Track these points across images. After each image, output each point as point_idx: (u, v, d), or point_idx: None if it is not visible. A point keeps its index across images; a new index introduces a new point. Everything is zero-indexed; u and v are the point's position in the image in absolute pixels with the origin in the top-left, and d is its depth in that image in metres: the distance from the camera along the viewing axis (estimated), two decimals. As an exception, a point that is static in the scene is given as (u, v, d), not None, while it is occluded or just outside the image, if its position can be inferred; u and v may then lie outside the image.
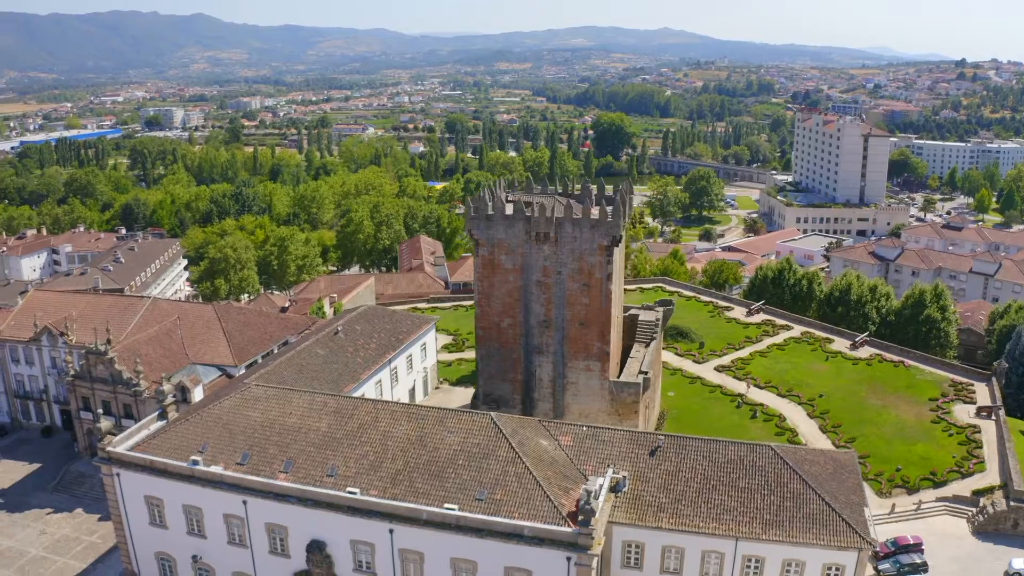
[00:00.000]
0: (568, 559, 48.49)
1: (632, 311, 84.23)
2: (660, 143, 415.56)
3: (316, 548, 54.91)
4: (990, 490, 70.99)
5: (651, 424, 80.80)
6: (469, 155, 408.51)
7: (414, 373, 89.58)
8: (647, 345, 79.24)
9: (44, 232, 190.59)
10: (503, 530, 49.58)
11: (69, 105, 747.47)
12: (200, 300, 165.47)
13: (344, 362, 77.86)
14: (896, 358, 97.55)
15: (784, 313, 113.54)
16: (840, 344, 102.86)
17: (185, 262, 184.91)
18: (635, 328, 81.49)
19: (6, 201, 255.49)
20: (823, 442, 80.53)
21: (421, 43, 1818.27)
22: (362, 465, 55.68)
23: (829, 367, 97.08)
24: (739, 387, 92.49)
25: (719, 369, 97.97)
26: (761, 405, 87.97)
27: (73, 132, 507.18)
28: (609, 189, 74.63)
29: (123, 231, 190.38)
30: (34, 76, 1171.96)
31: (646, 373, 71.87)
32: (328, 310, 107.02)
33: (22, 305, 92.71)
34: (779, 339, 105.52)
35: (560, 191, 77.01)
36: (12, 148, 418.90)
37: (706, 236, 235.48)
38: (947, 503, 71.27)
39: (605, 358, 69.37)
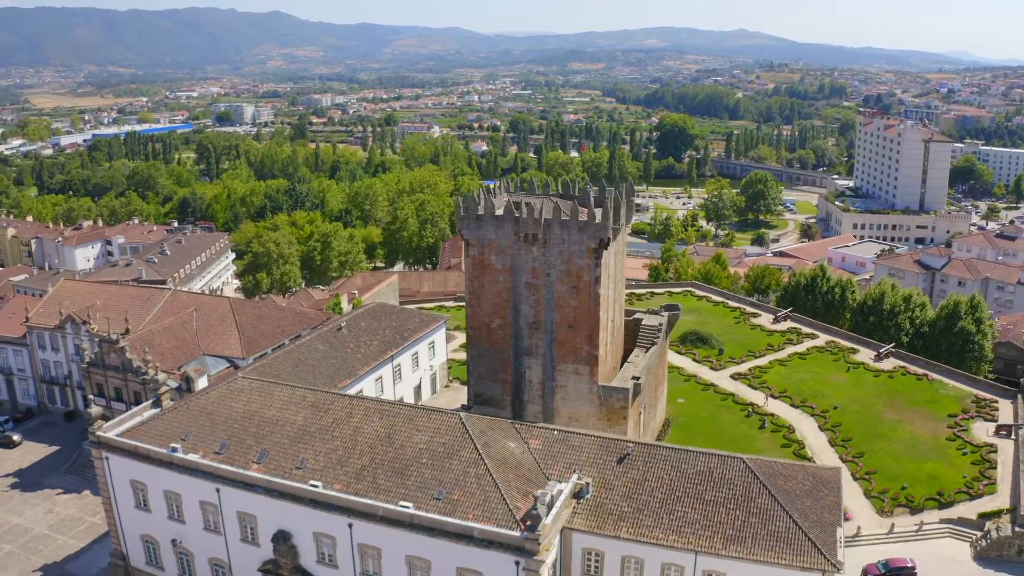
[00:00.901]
0: (517, 563, 48.12)
1: (636, 315, 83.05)
2: (724, 145, 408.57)
3: (282, 539, 55.79)
4: (998, 514, 67.63)
5: (651, 430, 79.60)
6: (530, 155, 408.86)
7: (420, 371, 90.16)
8: (647, 350, 77.96)
9: (100, 224, 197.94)
10: (454, 530, 49.53)
11: (145, 99, 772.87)
12: (243, 293, 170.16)
13: (343, 358, 78.85)
14: (920, 371, 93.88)
15: (811, 321, 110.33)
16: (864, 355, 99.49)
17: (233, 256, 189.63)
18: (638, 332, 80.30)
19: (71, 192, 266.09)
20: (830, 456, 78.12)
21: (495, 42, 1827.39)
22: (330, 459, 56.34)
23: (849, 378, 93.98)
24: (754, 397, 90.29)
25: (735, 377, 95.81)
26: (771, 415, 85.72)
27: (144, 126, 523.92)
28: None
29: (175, 224, 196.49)
30: (113, 70, 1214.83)
31: (638, 379, 70.64)
32: (347, 306, 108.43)
33: (51, 294, 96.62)
34: (802, 348, 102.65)
35: (559, 193, 76.17)
36: (85, 141, 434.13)
37: (758, 241, 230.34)
38: (951, 525, 68.16)
39: (594, 362, 68.45)
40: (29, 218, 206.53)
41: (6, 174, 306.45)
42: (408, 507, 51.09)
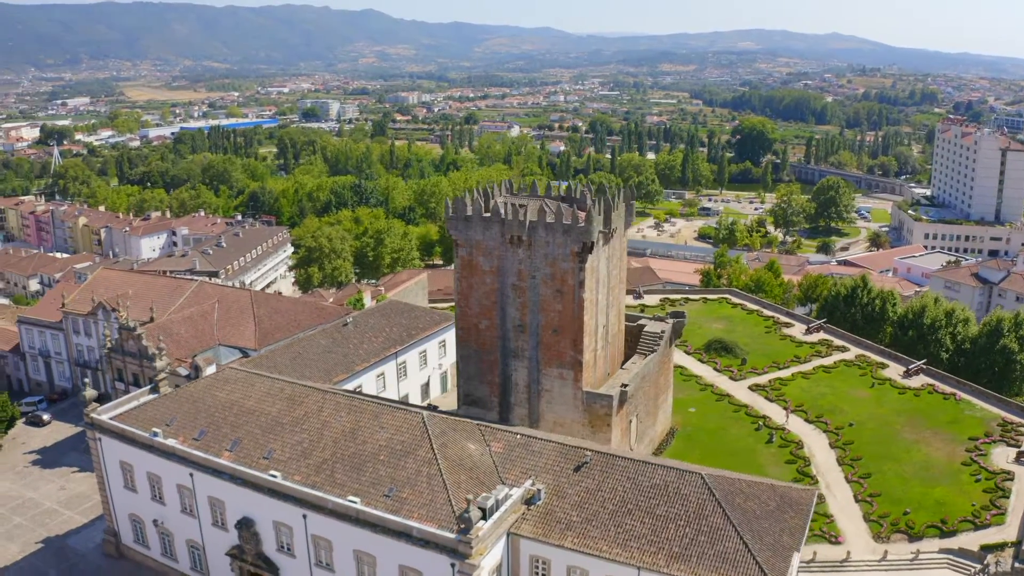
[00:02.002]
0: (452, 565, 48.12)
1: (640, 321, 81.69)
2: (804, 150, 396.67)
3: (245, 525, 57.28)
4: (1001, 547, 63.82)
5: (649, 439, 78.20)
6: (606, 156, 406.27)
7: (429, 369, 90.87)
8: (645, 356, 76.60)
9: (167, 215, 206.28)
10: (395, 528, 49.94)
11: (236, 94, 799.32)
12: (297, 286, 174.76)
13: (343, 353, 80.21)
14: (949, 390, 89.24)
15: (844, 334, 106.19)
16: (894, 371, 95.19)
17: (291, 249, 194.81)
18: (639, 339, 78.99)
19: (148, 184, 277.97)
20: (835, 474, 75.20)
21: (586, 43, 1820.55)
22: (296, 451, 57.52)
23: (872, 395, 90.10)
24: (769, 409, 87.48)
25: (753, 388, 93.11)
26: (782, 429, 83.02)
27: (231, 121, 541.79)
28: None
29: (238, 217, 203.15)
30: (208, 65, 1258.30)
31: (626, 386, 69.47)
32: (370, 303, 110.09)
33: (88, 281, 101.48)
34: (829, 361, 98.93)
35: (560, 196, 75.46)
36: (172, 134, 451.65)
37: (824, 248, 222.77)
38: (950, 556, 64.52)
39: (578, 367, 67.60)
40: (102, 208, 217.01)
41: (91, 164, 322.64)
42: (356, 502, 51.73)
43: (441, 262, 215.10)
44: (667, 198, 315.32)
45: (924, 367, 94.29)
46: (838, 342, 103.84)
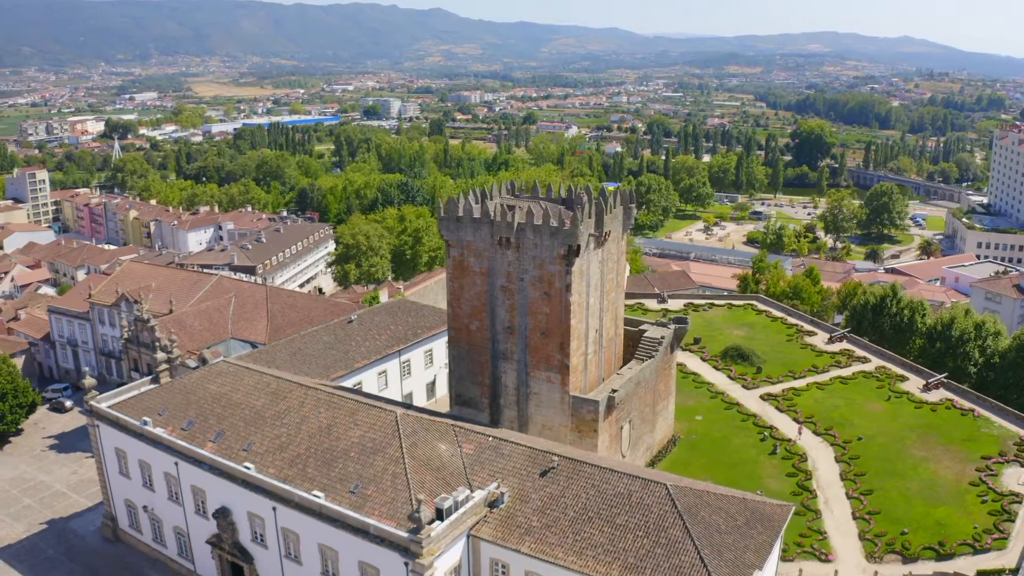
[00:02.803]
0: (405, 564, 48.38)
1: (642, 326, 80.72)
2: (863, 155, 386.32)
3: (222, 514, 58.61)
4: (999, 573, 61.14)
5: (646, 447, 77.27)
6: (661, 158, 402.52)
7: (435, 368, 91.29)
8: (643, 361, 75.67)
9: (216, 210, 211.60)
10: (354, 524, 50.49)
11: (302, 91, 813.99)
12: (336, 283, 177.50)
13: (344, 350, 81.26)
14: (968, 406, 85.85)
15: (867, 344, 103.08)
16: (914, 384, 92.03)
17: (333, 246, 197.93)
18: (638, 343, 78.09)
19: (204, 179, 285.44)
20: (836, 489, 73.16)
21: (653, 43, 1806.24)
22: (273, 444, 58.63)
23: (887, 408, 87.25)
24: (778, 420, 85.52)
25: (764, 397, 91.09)
26: (788, 441, 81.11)
27: (293, 117, 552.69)
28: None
29: (284, 213, 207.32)
30: (276, 62, 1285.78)
31: (615, 392, 68.77)
32: (387, 300, 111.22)
33: (115, 274, 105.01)
34: (848, 372, 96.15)
35: (560, 198, 75.07)
36: (234, 130, 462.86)
37: (872, 256, 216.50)
38: (944, 579, 62.26)
39: (565, 371, 67.14)
40: (153, 201, 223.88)
41: (151, 159, 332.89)
42: (320, 497, 52.44)
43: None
44: (720, 201, 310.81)
45: (945, 381, 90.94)
46: (860, 352, 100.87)
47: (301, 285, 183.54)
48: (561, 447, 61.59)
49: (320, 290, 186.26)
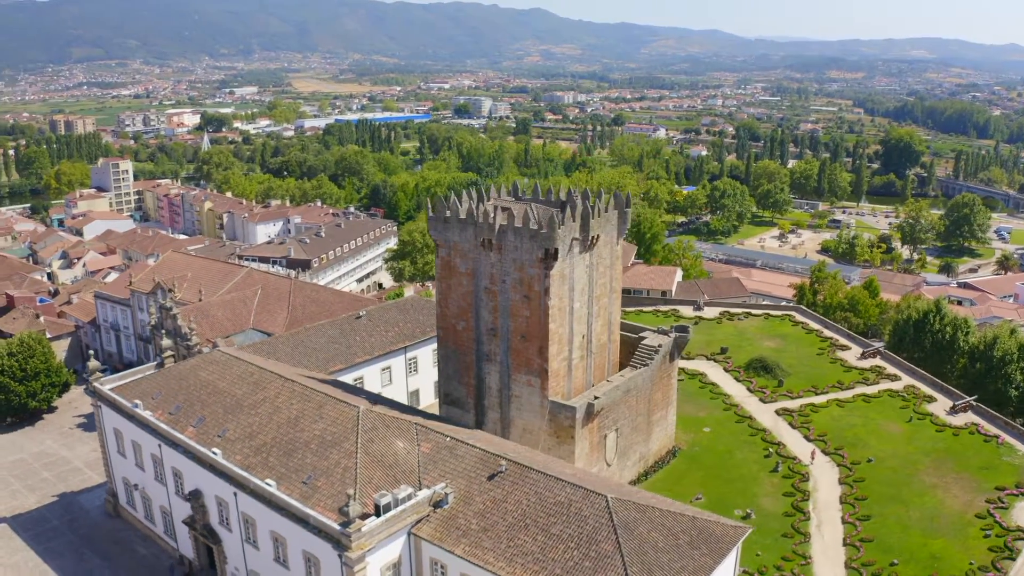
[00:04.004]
0: (340, 556, 49.24)
1: (643, 333, 79.37)
2: (953, 165, 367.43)
3: (195, 497, 60.93)
4: (986, 612, 57.69)
5: (639, 457, 76.09)
6: (744, 163, 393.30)
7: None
8: (636, 369, 74.50)
9: (287, 203, 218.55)
10: (298, 514, 51.70)
11: (399, 89, 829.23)
12: (393, 279, 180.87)
13: (348, 345, 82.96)
14: (995, 431, 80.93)
15: (900, 361, 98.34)
16: (941, 405, 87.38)
17: (394, 242, 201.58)
18: (634, 351, 76.90)
19: (286, 173, 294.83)
20: (831, 512, 70.43)
21: (754, 46, 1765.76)
22: (245, 432, 60.62)
23: (906, 430, 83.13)
24: (788, 436, 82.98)
25: (780, 412, 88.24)
26: (793, 459, 78.39)
27: (385, 114, 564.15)
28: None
29: (350, 208, 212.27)
30: (376, 60, 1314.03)
31: (596, 398, 67.95)
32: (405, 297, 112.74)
33: (156, 263, 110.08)
34: (873, 389, 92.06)
35: (558, 201, 74.59)
36: (325, 125, 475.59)
37: (946, 269, 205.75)
38: (927, 614, 59.05)
39: (544, 375, 66.70)
40: (229, 194, 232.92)
41: (240, 152, 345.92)
42: (272, 485, 53.94)
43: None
44: (799, 208, 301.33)
45: (973, 404, 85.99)
46: (891, 370, 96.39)
47: (360, 280, 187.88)
48: (525, 452, 61.52)
49: (380, 285, 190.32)
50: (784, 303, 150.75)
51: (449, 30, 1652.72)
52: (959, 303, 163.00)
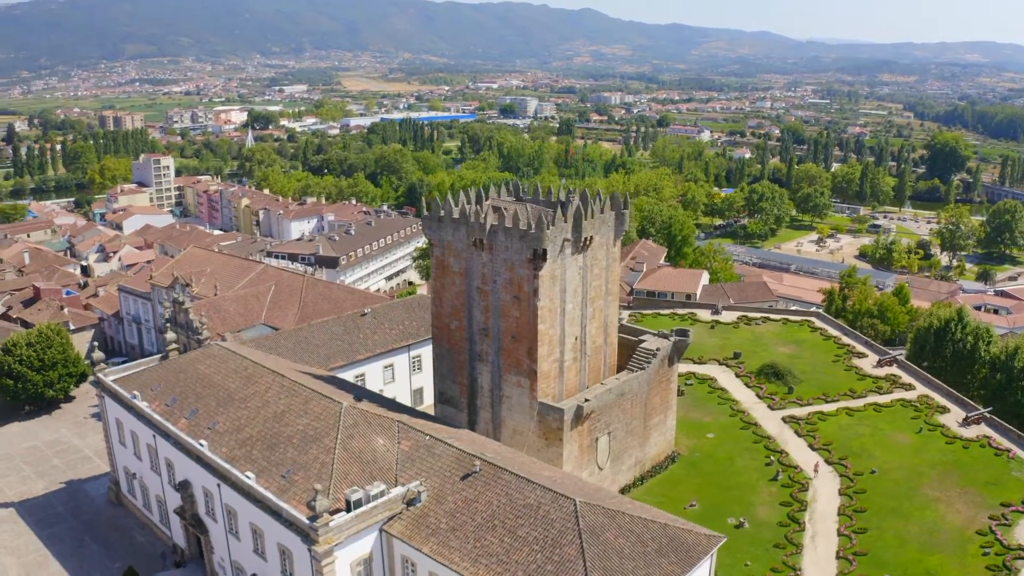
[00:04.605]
0: (309, 550, 49.83)
1: (643, 337, 78.69)
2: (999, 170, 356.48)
3: (183, 487, 62.27)
4: (976, 630, 55.97)
5: (634, 461, 75.45)
6: (786, 165, 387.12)
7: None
8: (632, 372, 73.89)
9: (322, 201, 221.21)
10: (272, 507, 52.48)
11: (447, 88, 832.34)
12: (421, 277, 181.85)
13: (350, 342, 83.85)
14: (1007, 445, 78.39)
15: (916, 370, 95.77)
16: (955, 416, 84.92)
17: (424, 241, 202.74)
18: (631, 354, 76.28)
19: (327, 170, 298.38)
20: (828, 524, 68.93)
21: (806, 48, 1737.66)
22: (233, 425, 61.73)
23: (915, 441, 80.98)
24: (792, 443, 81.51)
25: (787, 420, 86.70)
26: (794, 468, 76.99)
27: (431, 114, 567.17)
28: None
29: (384, 207, 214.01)
30: (425, 59, 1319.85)
31: (586, 401, 67.57)
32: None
33: (177, 259, 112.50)
34: (886, 399, 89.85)
35: (558, 202, 74.31)
36: (371, 124, 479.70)
37: (984, 276, 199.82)
38: (915, 630, 57.50)
39: (534, 376, 66.51)
40: (266, 191, 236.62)
41: (284, 150, 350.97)
42: (251, 478, 54.81)
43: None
44: (840, 213, 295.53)
45: (987, 416, 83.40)
46: (906, 379, 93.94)
47: (389, 278, 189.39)
48: (508, 453, 61.61)
49: (410, 283, 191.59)
50: (813, 308, 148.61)
51: (499, 30, 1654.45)
52: (995, 311, 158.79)
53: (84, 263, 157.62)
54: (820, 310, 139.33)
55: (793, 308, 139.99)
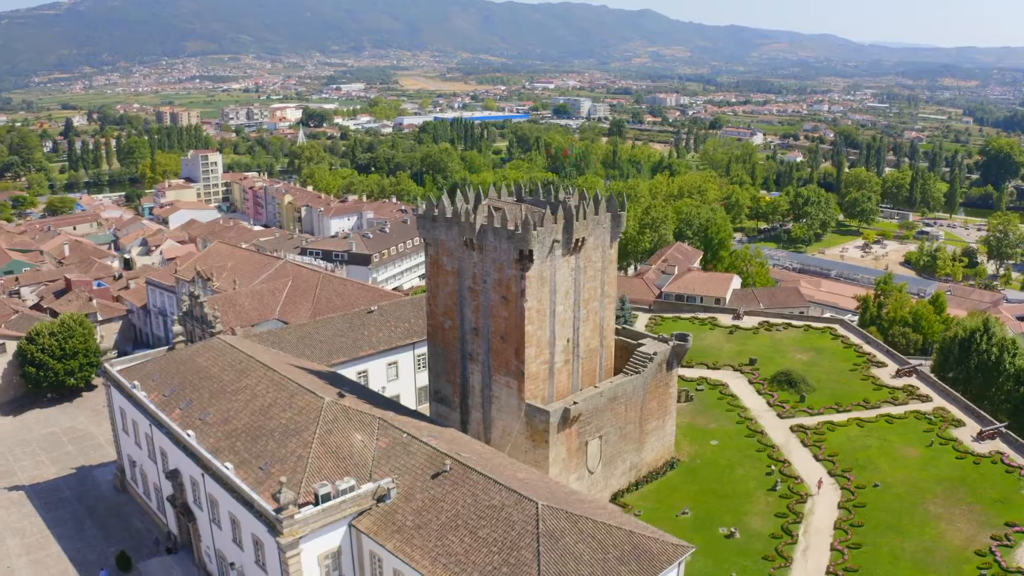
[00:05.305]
0: (277, 543, 50.68)
1: (642, 340, 77.97)
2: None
3: (173, 475, 63.90)
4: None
5: (629, 466, 74.84)
6: (836, 169, 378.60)
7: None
8: (627, 375, 73.28)
9: (363, 199, 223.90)
10: (245, 497, 53.54)
11: (503, 88, 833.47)
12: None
13: (354, 339, 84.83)
14: (1021, 462, 75.47)
15: (935, 381, 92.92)
16: (970, 430, 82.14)
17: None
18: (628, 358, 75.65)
19: (374, 168, 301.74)
20: (822, 537, 67.38)
21: (867, 52, 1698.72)
22: (222, 417, 63.19)
23: (924, 455, 78.57)
24: (796, 454, 79.93)
25: (794, 429, 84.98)
26: (795, 479, 75.42)
27: (485, 113, 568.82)
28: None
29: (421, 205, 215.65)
30: (484, 59, 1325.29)
31: (574, 403, 67.21)
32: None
33: (202, 253, 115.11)
34: (900, 410, 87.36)
35: (557, 202, 74.02)
36: (423, 123, 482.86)
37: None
38: (897, 649, 55.84)
39: (521, 377, 66.40)
40: (310, 188, 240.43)
41: (335, 148, 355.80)
42: (229, 468, 55.98)
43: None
44: (888, 218, 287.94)
45: (1003, 431, 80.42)
46: (924, 390, 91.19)
47: (423, 276, 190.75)
48: (490, 453, 61.82)
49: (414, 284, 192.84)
50: (847, 316, 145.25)
51: (558, 30, 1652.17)
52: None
53: (127, 256, 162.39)
54: (851, 318, 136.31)
55: (827, 315, 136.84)
